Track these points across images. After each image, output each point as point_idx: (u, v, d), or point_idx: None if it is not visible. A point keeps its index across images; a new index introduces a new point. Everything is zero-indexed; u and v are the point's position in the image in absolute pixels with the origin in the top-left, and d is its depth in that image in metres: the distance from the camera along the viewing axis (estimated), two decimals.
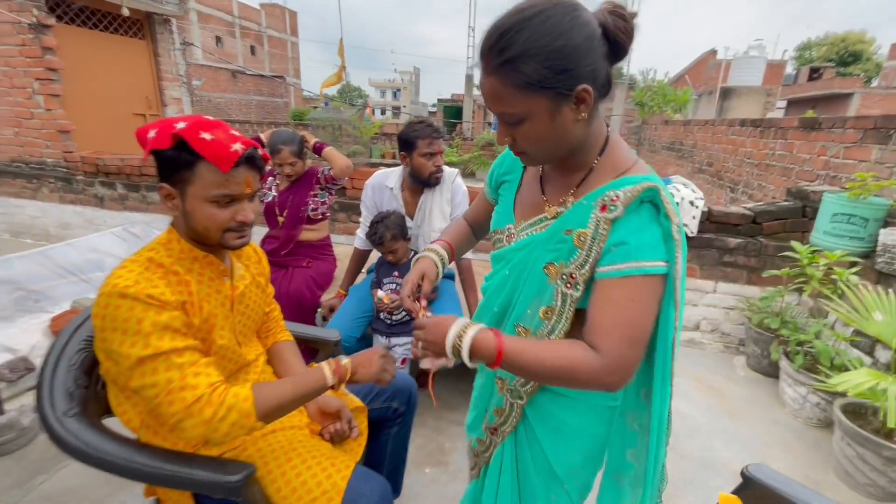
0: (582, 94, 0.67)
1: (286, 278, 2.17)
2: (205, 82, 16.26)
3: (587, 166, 0.78)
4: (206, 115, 0.93)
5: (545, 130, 0.70)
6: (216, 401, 0.83)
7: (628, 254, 0.69)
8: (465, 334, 0.74)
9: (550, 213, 0.81)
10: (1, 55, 4.12)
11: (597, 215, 0.72)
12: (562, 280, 0.76)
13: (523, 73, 0.64)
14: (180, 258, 0.95)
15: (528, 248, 0.82)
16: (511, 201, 0.91)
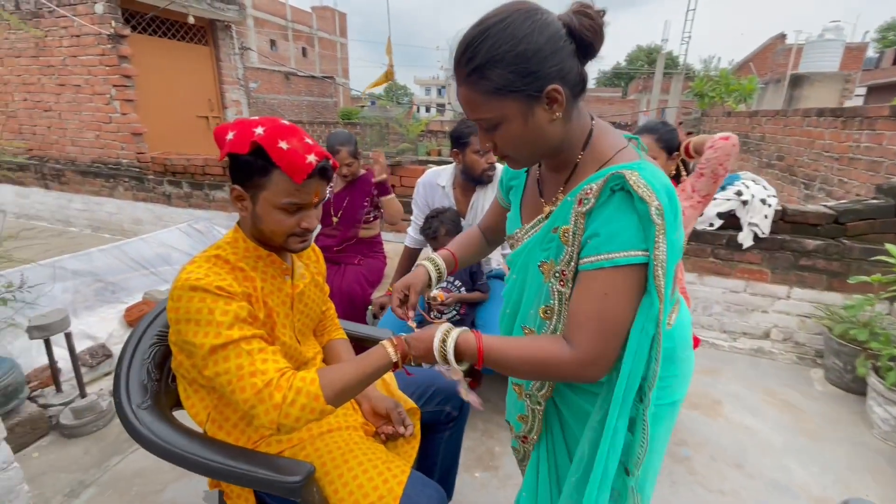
0: (552, 94, 0.69)
1: (338, 275, 2.20)
2: (260, 85, 17.04)
3: (573, 162, 0.79)
4: (283, 120, 0.94)
5: (521, 132, 0.72)
6: (285, 385, 0.84)
7: (599, 246, 0.70)
8: (448, 338, 0.79)
9: (544, 213, 0.83)
10: (84, 65, 4.49)
11: (575, 210, 0.73)
12: (555, 278, 0.78)
13: (491, 79, 0.68)
14: (245, 256, 0.98)
15: (527, 250, 0.84)
16: (518, 205, 0.93)
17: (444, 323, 0.84)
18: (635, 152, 0.78)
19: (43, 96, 4.90)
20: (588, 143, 0.78)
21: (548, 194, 0.86)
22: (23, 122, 5.19)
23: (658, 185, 0.67)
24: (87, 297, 2.62)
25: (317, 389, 0.86)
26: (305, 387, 0.85)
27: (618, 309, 0.70)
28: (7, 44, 4.84)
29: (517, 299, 0.90)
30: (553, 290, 0.79)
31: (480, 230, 1.20)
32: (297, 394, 0.84)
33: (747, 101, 9.39)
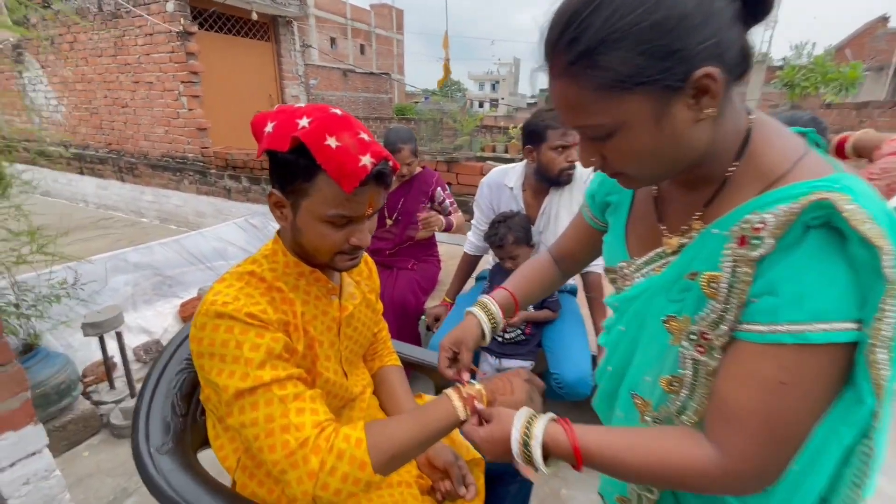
0: (703, 83, 0.47)
1: (390, 280, 2.03)
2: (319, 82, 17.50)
3: (718, 177, 0.56)
4: (334, 109, 0.75)
5: (649, 142, 0.51)
6: (323, 446, 0.67)
7: (778, 310, 0.47)
8: (532, 439, 0.59)
9: (670, 247, 0.62)
10: (156, 62, 4.66)
11: (733, 251, 0.51)
12: (690, 341, 0.56)
13: (607, 67, 0.47)
14: (285, 273, 0.81)
15: (644, 297, 0.63)
16: (622, 230, 0.72)
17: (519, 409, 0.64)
18: (824, 161, 0.53)
19: (120, 93, 5.17)
20: (745, 150, 0.55)
21: (673, 219, 0.63)
22: (103, 117, 5.52)
23: (884, 217, 0.44)
24: (146, 291, 2.64)
25: (363, 454, 0.67)
26: (349, 450, 0.67)
27: (800, 406, 0.48)
28: (91, 44, 5.14)
29: (625, 358, 0.69)
30: (685, 357, 0.58)
31: (552, 258, 0.97)
32: (338, 459, 0.66)
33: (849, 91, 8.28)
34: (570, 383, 1.51)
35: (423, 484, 0.95)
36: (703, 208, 0.58)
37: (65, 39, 5.37)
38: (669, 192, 0.65)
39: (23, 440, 1.25)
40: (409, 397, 1.05)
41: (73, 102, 5.73)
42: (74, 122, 5.88)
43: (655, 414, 0.64)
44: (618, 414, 0.73)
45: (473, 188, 2.49)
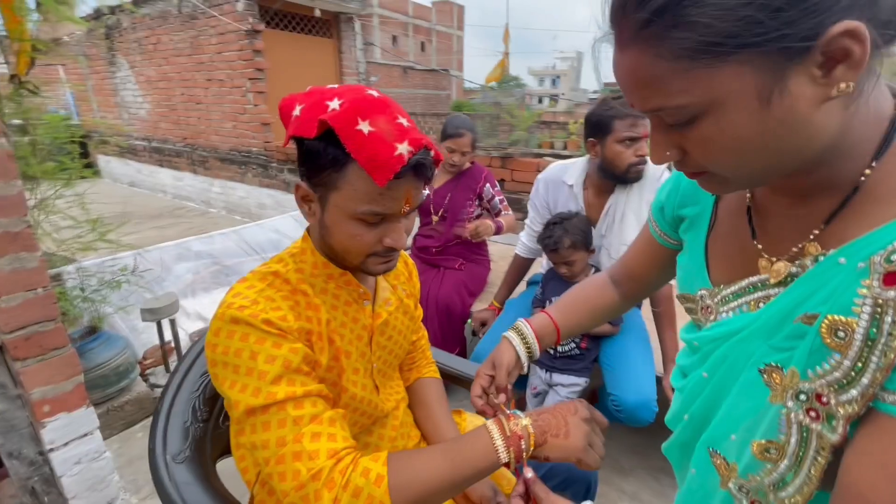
0: (839, 45, 0.33)
1: (436, 280, 1.94)
2: (380, 79, 17.86)
3: (846, 184, 0.42)
4: (371, 90, 0.66)
5: (749, 128, 0.38)
6: (338, 480, 0.58)
7: None
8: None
9: (774, 275, 0.47)
10: (225, 60, 4.89)
11: (874, 291, 0.37)
12: (798, 402, 0.43)
13: (694, 25, 0.34)
14: (312, 274, 0.73)
15: (736, 340, 0.50)
16: (701, 250, 0.59)
17: None
18: None
19: (195, 90, 5.50)
20: (889, 146, 0.40)
21: (775, 238, 0.49)
22: (180, 113, 5.91)
23: None
24: (205, 279, 2.75)
25: (383, 495, 0.57)
26: (368, 488, 0.58)
27: None
28: (171, 44, 5.51)
29: (707, 408, 0.55)
30: (790, 420, 0.44)
31: (611, 280, 0.82)
32: (354, 497, 0.57)
33: None
34: (631, 408, 1.34)
35: None
36: (822, 226, 0.44)
37: (150, 41, 5.80)
38: (769, 201, 0.50)
39: (75, 422, 1.29)
40: (446, 415, 0.95)
41: (156, 99, 6.19)
42: (156, 118, 6.36)
43: (743, 482, 0.50)
44: (692, 471, 0.59)
45: (528, 185, 2.34)
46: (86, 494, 1.35)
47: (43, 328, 1.17)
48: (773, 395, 0.45)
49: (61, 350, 1.22)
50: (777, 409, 0.45)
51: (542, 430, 0.64)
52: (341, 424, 0.65)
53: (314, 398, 0.64)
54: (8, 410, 1.20)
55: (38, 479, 1.29)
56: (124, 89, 6.69)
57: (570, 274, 1.49)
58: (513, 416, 0.65)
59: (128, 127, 6.97)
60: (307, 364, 0.66)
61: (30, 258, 1.12)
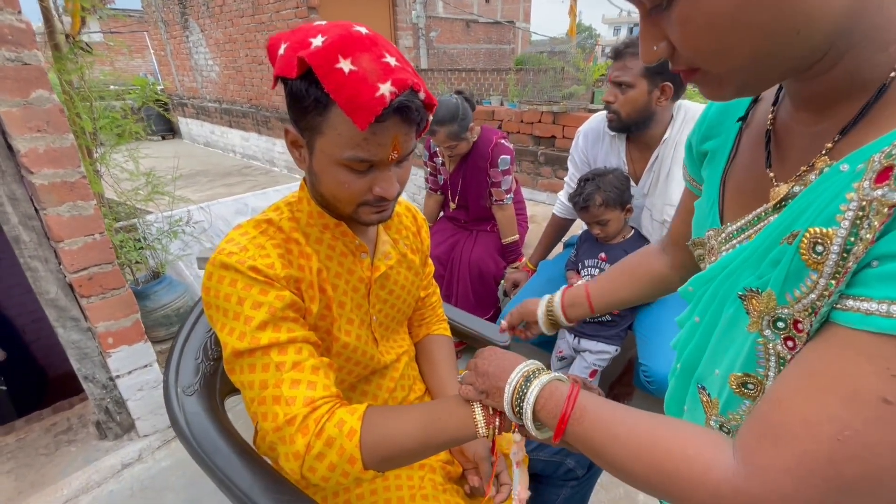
0: None
1: (469, 243, 1.90)
2: (441, 33, 17.32)
3: (870, 85, 0.33)
4: (360, 26, 0.61)
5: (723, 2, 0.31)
6: (312, 428, 0.59)
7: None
8: (536, 379, 0.51)
9: (775, 197, 0.41)
10: (283, 19, 4.96)
11: (862, 193, 0.30)
12: (775, 329, 0.39)
13: None
14: (308, 224, 0.73)
15: (724, 273, 0.45)
16: (716, 187, 0.52)
17: None
18: None
19: (258, 51, 5.66)
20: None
21: (787, 161, 0.43)
22: (245, 75, 6.15)
23: None
24: None
25: (354, 448, 0.58)
26: (340, 439, 0.59)
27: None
28: (235, 6, 5.67)
29: (696, 353, 0.52)
30: (766, 351, 0.41)
31: (662, 249, 0.74)
32: (326, 445, 0.59)
33: None
34: (662, 379, 1.26)
35: (452, 471, 0.85)
36: (838, 137, 0.37)
37: (216, 3, 6.00)
38: (791, 121, 0.43)
39: (136, 353, 1.45)
40: (452, 372, 0.95)
41: (224, 62, 6.47)
42: (225, 80, 6.67)
43: (722, 420, 0.49)
44: (685, 408, 0.58)
45: None
46: (149, 417, 1.54)
47: (102, 270, 1.31)
48: (751, 322, 0.41)
49: (119, 290, 1.36)
50: (754, 337, 0.41)
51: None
52: (325, 373, 0.65)
53: (299, 345, 0.65)
54: (81, 340, 1.37)
55: (110, 400, 1.48)
56: (197, 53, 7.05)
57: (605, 235, 1.39)
58: None
59: (201, 89, 7.40)
60: (294, 311, 0.67)
61: (86, 206, 1.23)
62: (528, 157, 3.41)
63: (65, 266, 1.25)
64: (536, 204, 2.30)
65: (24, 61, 1.06)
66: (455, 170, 1.88)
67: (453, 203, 1.93)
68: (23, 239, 1.21)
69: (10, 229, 1.18)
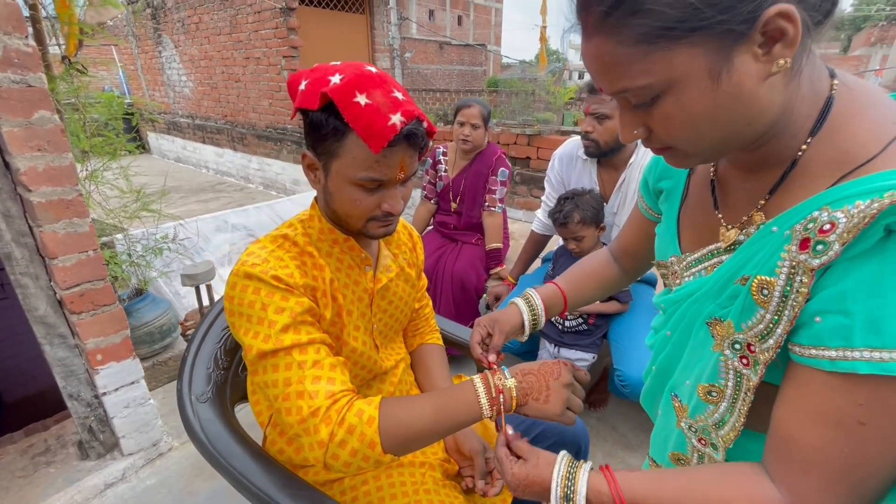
0: (776, 25, 0.38)
1: (453, 254, 1.99)
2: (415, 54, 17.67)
3: (787, 158, 0.47)
4: (370, 66, 0.72)
5: (705, 105, 0.42)
6: (334, 418, 0.66)
7: (851, 333, 0.39)
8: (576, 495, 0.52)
9: (727, 240, 0.53)
10: (262, 38, 5.01)
11: (792, 255, 0.42)
12: (734, 350, 0.50)
13: (650, 12, 0.39)
14: (319, 239, 0.81)
15: (692, 299, 0.55)
16: (674, 220, 0.64)
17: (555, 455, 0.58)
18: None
19: (234, 69, 5.68)
20: (823, 123, 0.45)
21: (732, 208, 0.55)
22: (221, 92, 6.13)
23: None
24: (240, 249, 2.92)
25: (373, 434, 0.65)
26: (360, 426, 0.65)
27: (884, 449, 0.40)
28: (212, 24, 5.69)
29: (670, 361, 0.63)
30: (727, 367, 0.52)
31: (612, 255, 0.87)
32: (348, 433, 0.65)
33: None
34: (636, 383, 1.36)
35: (449, 469, 0.92)
36: (768, 196, 0.49)
37: (192, 21, 6.01)
38: (729, 174, 0.56)
39: (124, 370, 1.45)
40: (446, 377, 1.02)
41: (198, 78, 6.44)
42: (199, 97, 6.63)
43: (691, 422, 0.59)
44: (658, 413, 0.69)
45: None
46: (134, 435, 1.53)
47: (94, 286, 1.32)
48: (716, 344, 0.52)
49: (110, 307, 1.37)
50: (717, 356, 0.52)
51: (525, 393, 0.68)
52: (341, 370, 0.72)
53: (318, 345, 0.72)
54: (68, 358, 1.37)
55: (94, 418, 1.46)
56: (170, 68, 6.98)
57: (579, 250, 1.51)
58: (500, 374, 0.70)
59: (173, 105, 7.30)
60: (312, 316, 0.74)
61: (81, 223, 1.25)
62: None
63: (57, 283, 1.26)
64: (514, 222, 2.42)
65: (28, 83, 1.09)
66: (459, 173, 2.02)
67: (454, 203, 2.04)
68: (14, 256, 1.21)
69: (2, 246, 1.19)
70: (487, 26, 27.47)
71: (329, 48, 5.35)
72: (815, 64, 0.45)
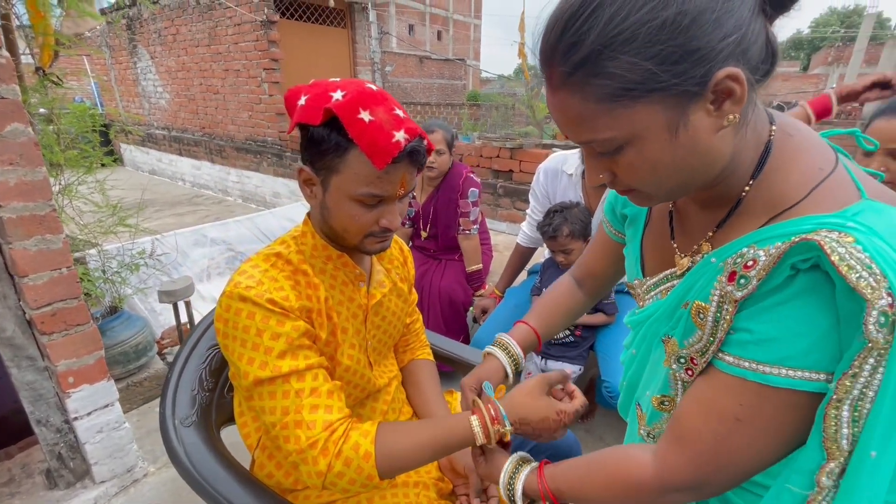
0: (725, 86, 0.42)
1: (438, 272, 1.99)
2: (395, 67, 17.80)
3: (733, 198, 0.52)
4: (369, 83, 0.72)
5: (664, 156, 0.45)
6: (332, 450, 0.67)
7: (747, 346, 0.46)
8: (515, 492, 0.64)
9: (681, 267, 0.59)
10: (242, 51, 4.97)
11: (721, 285, 0.48)
12: (679, 364, 0.56)
13: (612, 75, 0.42)
14: (312, 256, 0.79)
15: (651, 320, 0.61)
16: (638, 245, 0.69)
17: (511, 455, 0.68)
18: (850, 184, 0.47)
19: (213, 81, 5.61)
20: (762, 168, 0.49)
21: (686, 238, 0.60)
22: (199, 103, 6.04)
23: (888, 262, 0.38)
24: (220, 264, 2.85)
25: (371, 468, 0.67)
26: (357, 460, 0.66)
27: (750, 443, 0.47)
28: (190, 35, 5.62)
29: (635, 376, 0.70)
30: (675, 378, 0.58)
31: (575, 280, 0.89)
32: (345, 465, 0.66)
33: None
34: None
35: (443, 487, 0.90)
36: (715, 229, 0.54)
37: (169, 32, 5.92)
38: (686, 207, 0.61)
39: (97, 393, 1.38)
40: (437, 394, 1.01)
41: (175, 89, 6.33)
42: (176, 108, 6.51)
43: (649, 429, 0.66)
44: (628, 421, 0.76)
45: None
46: (107, 461, 1.46)
47: (67, 305, 1.26)
48: (666, 359, 0.58)
49: (84, 326, 1.31)
50: (667, 370, 0.58)
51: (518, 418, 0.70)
52: (338, 396, 0.72)
53: (315, 370, 0.71)
54: (37, 381, 1.30)
55: (63, 445, 1.39)
56: (145, 79, 6.85)
57: (567, 262, 1.52)
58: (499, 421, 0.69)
59: (149, 116, 7.15)
60: (308, 338, 0.73)
61: (54, 240, 1.20)
62: (487, 189, 3.59)
63: (27, 302, 1.20)
64: (497, 234, 2.44)
65: (1, 95, 1.05)
66: (427, 200, 1.97)
67: (424, 232, 2.00)
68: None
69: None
70: (466, 41, 27.96)
71: (311, 61, 5.34)
72: (758, 112, 0.49)
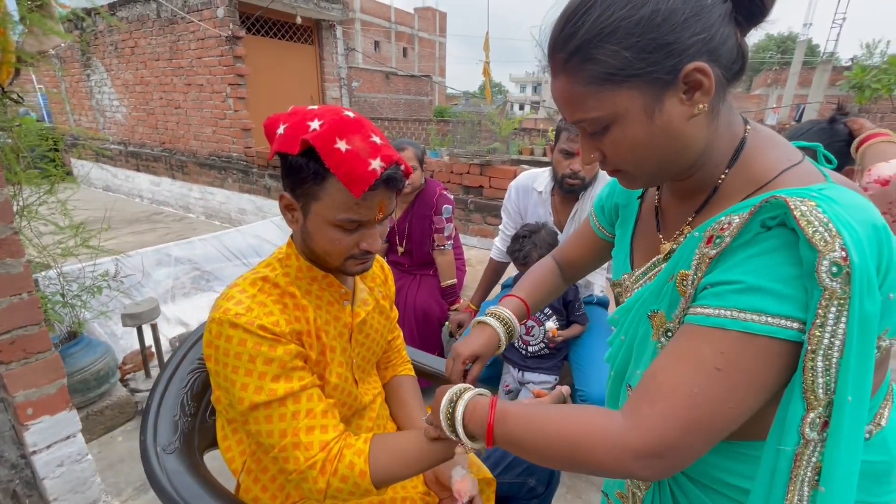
0: (694, 77, 0.49)
1: (412, 288, 2.01)
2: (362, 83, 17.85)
3: (711, 185, 0.58)
4: (347, 111, 0.74)
5: (642, 135, 0.52)
6: (329, 470, 0.70)
7: (726, 295, 0.48)
8: (460, 400, 0.63)
9: (664, 251, 0.64)
10: (206, 65, 4.88)
11: (701, 250, 0.53)
12: (667, 337, 0.58)
13: (598, 60, 0.50)
14: (298, 277, 0.80)
15: (639, 303, 0.64)
16: (628, 243, 0.74)
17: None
18: (816, 172, 0.54)
19: (174, 95, 5.45)
20: (737, 158, 0.56)
21: (669, 228, 0.66)
22: (158, 118, 5.85)
23: (852, 225, 0.43)
24: (185, 284, 2.75)
25: (367, 484, 0.70)
26: (353, 478, 0.70)
27: (728, 395, 0.46)
28: (149, 49, 5.47)
29: (624, 362, 0.71)
30: None
31: (556, 263, 0.96)
32: (342, 482, 0.70)
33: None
34: (596, 401, 1.43)
35: (430, 501, 0.92)
36: (695, 215, 0.60)
37: (127, 45, 5.74)
38: (669, 202, 0.67)
39: (58, 424, 1.31)
40: (420, 409, 1.03)
41: (133, 104, 6.11)
42: (133, 122, 6.27)
43: None
44: (619, 404, 0.74)
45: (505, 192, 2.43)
46: (68, 497, 1.37)
47: (27, 332, 1.20)
48: (654, 333, 0.61)
49: (45, 353, 1.25)
50: (655, 344, 0.60)
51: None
52: (332, 413, 0.75)
53: (310, 391, 0.73)
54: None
55: (19, 481, 1.30)
56: (100, 92, 6.58)
57: None
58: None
59: (104, 131, 6.85)
60: (300, 360, 0.74)
61: (15, 264, 1.15)
62: (459, 205, 3.65)
63: None
64: (469, 248, 2.48)
65: None
66: (402, 216, 2.01)
67: (401, 247, 2.02)
68: None
69: None
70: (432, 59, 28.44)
71: (278, 77, 5.30)
72: (732, 112, 0.56)
